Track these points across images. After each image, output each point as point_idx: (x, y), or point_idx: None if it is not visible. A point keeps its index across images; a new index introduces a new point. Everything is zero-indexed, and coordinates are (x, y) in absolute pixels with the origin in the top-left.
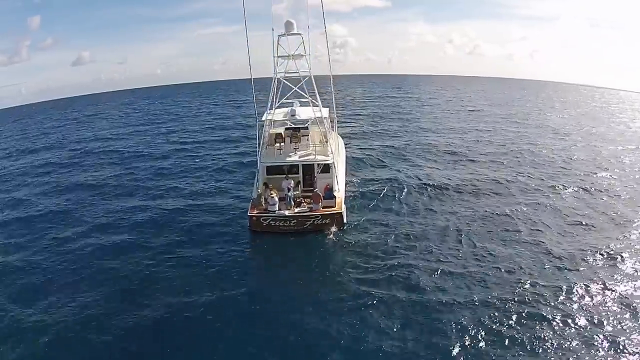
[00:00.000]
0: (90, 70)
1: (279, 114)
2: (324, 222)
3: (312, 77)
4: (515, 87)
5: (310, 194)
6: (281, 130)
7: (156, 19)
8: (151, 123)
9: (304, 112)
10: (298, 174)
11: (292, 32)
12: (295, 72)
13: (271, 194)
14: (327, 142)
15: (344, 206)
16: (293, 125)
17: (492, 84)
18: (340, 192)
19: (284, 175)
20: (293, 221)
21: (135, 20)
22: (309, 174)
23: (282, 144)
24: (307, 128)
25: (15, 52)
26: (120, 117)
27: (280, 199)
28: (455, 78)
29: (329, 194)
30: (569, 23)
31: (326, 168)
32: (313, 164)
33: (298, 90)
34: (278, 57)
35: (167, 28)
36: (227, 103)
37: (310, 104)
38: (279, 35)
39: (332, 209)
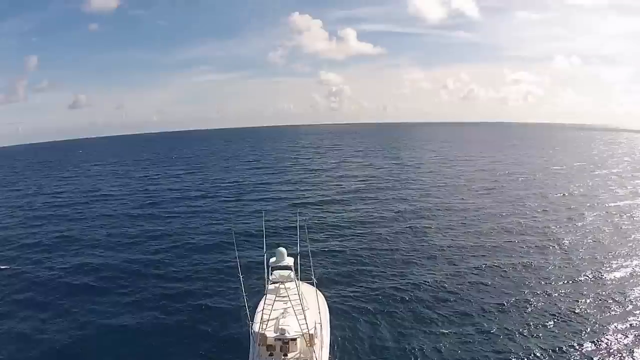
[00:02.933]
0: (87, 113)
1: (270, 329)
2: None
3: (300, 296)
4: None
5: None
6: (272, 341)
7: (153, 64)
8: None
9: (292, 327)
10: None
11: (283, 263)
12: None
13: None
14: (314, 347)
15: None
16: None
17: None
18: None
19: None
20: None
21: (132, 65)
22: None
23: (273, 353)
24: (295, 339)
25: (12, 92)
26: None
27: None
28: (449, 124)
29: None
30: (562, 62)
31: None
32: None
33: (290, 302)
34: (269, 282)
35: (163, 75)
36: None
37: (296, 317)
38: (270, 267)
39: None
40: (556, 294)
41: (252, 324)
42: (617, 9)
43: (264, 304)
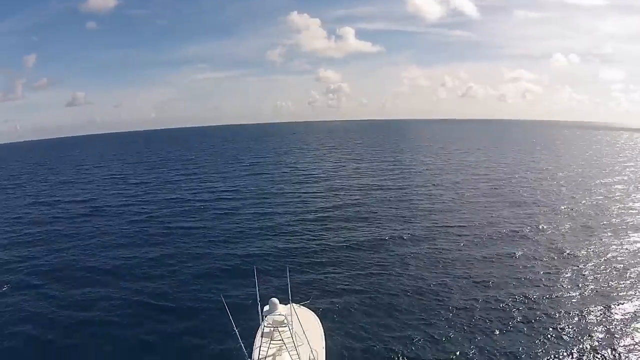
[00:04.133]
0: (85, 111)
1: None
2: None
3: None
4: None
5: None
6: None
7: (151, 62)
8: None
9: None
10: None
11: (276, 313)
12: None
13: None
14: None
15: None
16: None
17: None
18: None
19: None
20: None
21: (131, 63)
22: None
23: None
24: None
25: (10, 89)
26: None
27: None
28: (449, 122)
29: None
30: (560, 61)
31: None
32: None
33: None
34: (263, 328)
35: (161, 72)
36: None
37: (290, 356)
38: (264, 314)
39: None
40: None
41: None
42: (616, 9)
43: (260, 345)
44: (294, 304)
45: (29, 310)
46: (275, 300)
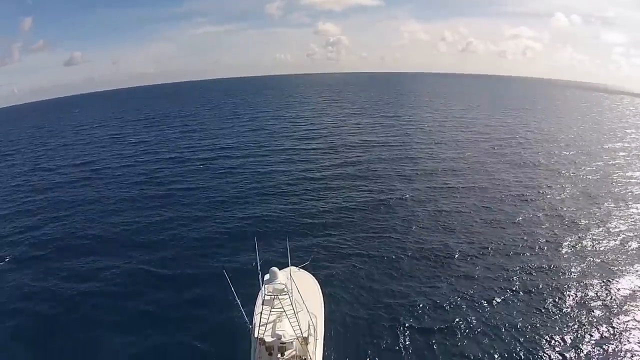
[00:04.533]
0: (83, 70)
1: (268, 334)
2: None
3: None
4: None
5: None
6: (270, 343)
7: (149, 19)
8: None
9: (287, 332)
10: None
11: (276, 282)
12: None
13: None
14: (307, 346)
15: None
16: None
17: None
18: None
19: None
20: None
21: (128, 20)
22: None
23: (272, 353)
24: (292, 343)
25: (7, 53)
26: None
27: None
28: (449, 76)
29: None
30: (562, 20)
31: None
32: None
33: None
34: (264, 295)
35: (159, 28)
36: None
37: (289, 322)
38: (264, 283)
39: None
40: None
41: (252, 327)
42: None
43: (262, 312)
44: (293, 267)
45: (30, 284)
46: (276, 269)
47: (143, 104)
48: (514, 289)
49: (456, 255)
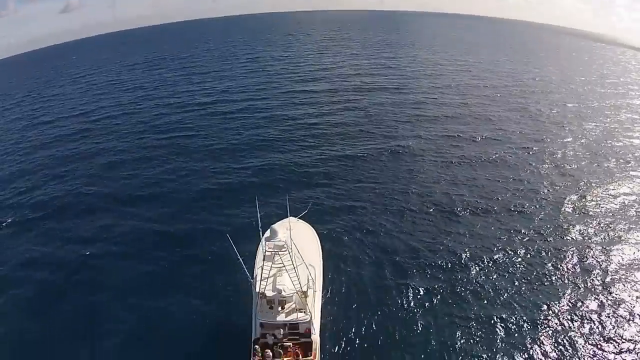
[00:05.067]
0: (80, 15)
1: (268, 288)
2: None
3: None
4: None
5: (296, 335)
6: (270, 297)
7: None
8: None
9: (287, 286)
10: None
11: (276, 239)
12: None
13: (267, 351)
14: (307, 299)
15: (318, 353)
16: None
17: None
18: (316, 333)
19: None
20: None
21: None
22: (294, 327)
23: (273, 306)
24: (292, 298)
25: (2, 6)
26: None
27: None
28: (450, 16)
29: (308, 335)
30: None
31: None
32: (297, 323)
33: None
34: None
35: None
36: None
37: (289, 277)
38: (265, 240)
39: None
40: None
41: (253, 282)
42: None
43: (262, 267)
44: (292, 218)
45: (33, 249)
46: (276, 227)
47: (141, 47)
48: (514, 248)
49: (458, 209)
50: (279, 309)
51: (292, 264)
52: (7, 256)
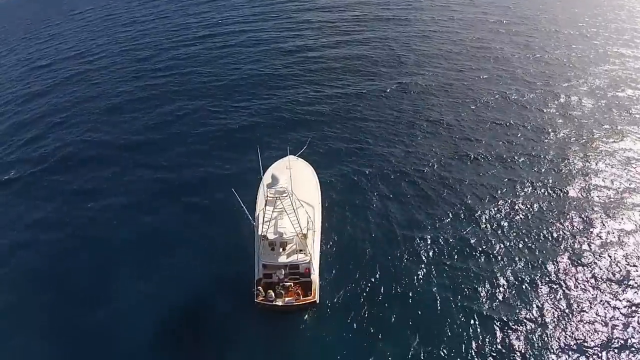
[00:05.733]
0: None
1: (270, 231)
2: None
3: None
4: None
5: (297, 275)
6: (272, 239)
7: None
8: None
9: (288, 229)
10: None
11: (277, 186)
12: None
13: (269, 291)
14: (306, 240)
15: (318, 292)
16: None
17: None
18: (315, 273)
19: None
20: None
21: None
22: (295, 267)
23: (274, 248)
24: (292, 240)
25: None
26: None
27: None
28: None
29: (308, 275)
30: None
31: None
32: (297, 264)
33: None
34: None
35: None
36: None
37: (290, 220)
38: (267, 187)
39: (309, 299)
40: None
41: (255, 225)
42: None
43: (264, 211)
44: (291, 156)
45: (38, 205)
46: (276, 171)
47: None
48: (520, 206)
49: (465, 158)
50: (280, 250)
51: (292, 208)
52: (13, 216)
